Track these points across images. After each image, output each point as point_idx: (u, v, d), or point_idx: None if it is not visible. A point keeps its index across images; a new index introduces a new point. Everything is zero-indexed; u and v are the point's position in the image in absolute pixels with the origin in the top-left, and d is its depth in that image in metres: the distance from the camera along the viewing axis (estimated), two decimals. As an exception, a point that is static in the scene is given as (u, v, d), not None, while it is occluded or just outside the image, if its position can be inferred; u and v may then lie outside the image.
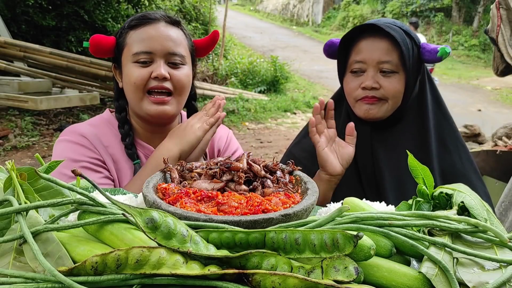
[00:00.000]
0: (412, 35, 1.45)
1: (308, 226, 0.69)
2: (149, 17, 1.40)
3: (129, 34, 1.39)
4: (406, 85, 1.43)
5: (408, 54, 1.39)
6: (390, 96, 1.42)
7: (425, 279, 0.62)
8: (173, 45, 1.38)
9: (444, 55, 1.41)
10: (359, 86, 1.44)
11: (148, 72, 1.35)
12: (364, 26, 1.45)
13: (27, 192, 0.75)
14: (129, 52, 1.37)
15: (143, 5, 9.77)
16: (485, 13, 15.68)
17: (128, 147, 1.44)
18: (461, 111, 9.01)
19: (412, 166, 0.88)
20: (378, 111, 1.44)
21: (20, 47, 6.68)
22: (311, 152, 1.58)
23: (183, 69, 1.41)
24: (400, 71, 1.42)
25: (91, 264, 0.58)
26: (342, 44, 1.50)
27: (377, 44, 1.42)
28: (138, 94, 1.37)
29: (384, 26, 1.39)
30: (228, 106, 8.52)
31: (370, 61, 1.42)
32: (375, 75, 1.42)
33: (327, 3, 23.57)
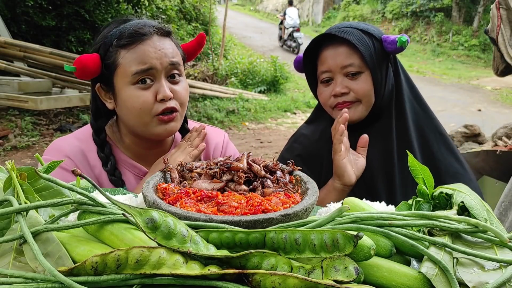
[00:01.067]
0: (371, 31, 1.47)
1: (308, 226, 0.69)
2: (141, 33, 1.30)
3: (121, 54, 1.29)
4: (374, 82, 1.45)
5: (368, 51, 1.43)
6: (361, 97, 1.46)
7: (425, 279, 0.62)
8: (171, 56, 1.33)
9: (403, 44, 1.42)
10: (331, 94, 1.48)
11: (152, 95, 1.29)
12: (321, 37, 1.49)
13: (27, 192, 0.75)
14: (126, 73, 1.28)
15: (143, 5, 9.76)
16: (485, 13, 15.67)
17: (111, 172, 1.37)
18: (461, 111, 9.01)
19: (412, 166, 0.88)
20: (354, 113, 1.47)
21: (20, 47, 6.68)
22: (302, 156, 1.61)
23: (182, 82, 1.37)
24: (365, 70, 1.45)
25: (91, 264, 0.58)
26: (307, 59, 1.56)
27: (337, 50, 1.46)
28: (145, 118, 1.30)
29: (337, 32, 1.44)
30: (228, 106, 8.52)
31: (335, 67, 1.46)
32: (343, 80, 1.46)
33: (327, 3, 23.57)
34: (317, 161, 1.59)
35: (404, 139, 1.50)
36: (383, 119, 1.53)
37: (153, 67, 1.28)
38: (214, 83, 10.15)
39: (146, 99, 1.28)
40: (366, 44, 1.44)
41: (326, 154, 1.55)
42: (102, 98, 1.39)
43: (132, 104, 1.29)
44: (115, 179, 1.37)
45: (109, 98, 1.37)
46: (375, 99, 1.48)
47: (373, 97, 1.48)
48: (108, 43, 1.31)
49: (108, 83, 1.34)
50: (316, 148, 1.61)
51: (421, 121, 1.54)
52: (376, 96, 1.48)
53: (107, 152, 1.38)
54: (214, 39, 12.62)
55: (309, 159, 1.60)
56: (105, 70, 1.32)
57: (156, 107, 1.30)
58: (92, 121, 1.41)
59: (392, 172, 1.49)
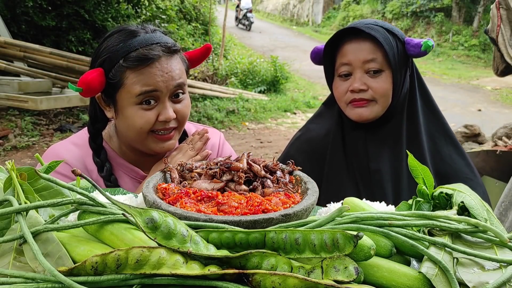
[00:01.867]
0: (395, 31, 1.45)
1: (308, 226, 0.69)
2: (149, 57, 1.27)
3: (126, 74, 1.27)
4: (393, 83, 1.44)
5: (392, 51, 1.41)
6: (378, 96, 1.43)
7: (425, 279, 0.62)
8: (177, 77, 1.31)
9: (428, 49, 1.41)
10: (348, 90, 1.45)
11: (154, 116, 1.29)
12: (346, 30, 1.46)
13: (27, 192, 0.75)
14: (130, 94, 1.28)
15: (143, 5, 9.76)
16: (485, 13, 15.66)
17: (107, 178, 1.37)
18: (461, 111, 9.01)
19: (412, 166, 0.88)
20: (370, 113, 1.45)
21: (20, 47, 6.68)
22: (307, 152, 1.60)
23: (184, 100, 1.36)
24: (387, 69, 1.43)
25: (91, 264, 0.58)
26: (327, 49, 1.52)
27: (360, 45, 1.43)
28: (142, 135, 1.31)
29: (364, 27, 1.41)
30: (228, 106, 8.52)
31: (356, 62, 1.43)
32: (362, 77, 1.43)
33: (327, 3, 23.56)
34: (322, 157, 1.58)
35: (415, 143, 1.48)
36: (394, 121, 1.51)
37: (158, 89, 1.28)
38: (214, 83, 10.15)
39: (148, 120, 1.29)
40: (390, 44, 1.41)
41: (330, 151, 1.55)
42: (102, 106, 1.38)
43: (134, 122, 1.29)
44: (110, 185, 1.37)
45: (108, 107, 1.37)
46: (391, 100, 1.46)
47: (390, 98, 1.45)
48: (113, 60, 1.28)
49: (111, 97, 1.33)
50: (321, 145, 1.60)
51: (432, 125, 1.53)
52: (393, 97, 1.45)
53: (102, 158, 1.38)
54: (214, 39, 12.62)
55: (314, 155, 1.59)
56: (108, 85, 1.31)
57: (155, 125, 1.31)
58: (90, 126, 1.41)
59: (400, 175, 1.47)
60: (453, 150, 1.51)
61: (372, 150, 1.49)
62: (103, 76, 1.29)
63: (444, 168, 1.48)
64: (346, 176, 1.52)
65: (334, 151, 1.56)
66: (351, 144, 1.53)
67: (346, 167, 1.53)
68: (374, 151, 1.49)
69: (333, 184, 1.52)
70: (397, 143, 1.49)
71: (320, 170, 1.56)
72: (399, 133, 1.50)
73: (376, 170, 1.47)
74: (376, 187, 1.47)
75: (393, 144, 1.49)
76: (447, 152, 1.50)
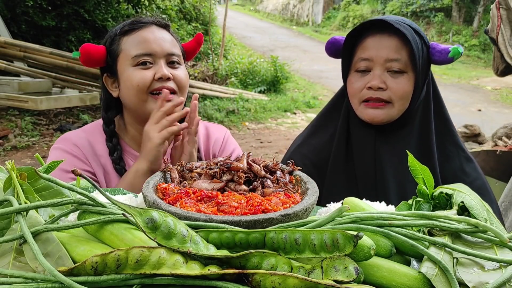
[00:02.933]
0: (422, 34, 1.36)
1: (308, 226, 0.69)
2: (141, 21, 1.41)
3: (123, 40, 1.39)
4: (414, 87, 1.33)
5: (418, 53, 1.30)
6: (397, 98, 1.33)
7: (425, 279, 0.62)
8: (170, 46, 1.40)
9: (456, 56, 1.31)
10: (365, 86, 1.35)
11: (151, 74, 1.35)
12: (371, 22, 1.34)
13: (27, 192, 0.75)
14: (127, 57, 1.37)
15: (143, 5, 9.77)
16: (485, 13, 15.66)
17: (116, 162, 1.42)
18: (461, 111, 9.01)
19: (412, 166, 0.88)
20: (384, 116, 1.35)
21: (20, 47, 6.69)
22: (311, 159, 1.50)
23: (181, 69, 1.43)
24: (409, 71, 1.32)
25: (91, 264, 0.58)
26: (348, 41, 1.40)
27: (385, 42, 1.32)
28: (142, 96, 1.35)
29: (393, 22, 1.29)
30: (228, 106, 8.52)
31: (377, 58, 1.32)
32: (382, 75, 1.32)
33: (327, 3, 23.57)
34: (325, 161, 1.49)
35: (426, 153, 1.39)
36: (407, 128, 1.40)
37: (153, 52, 1.36)
38: (214, 83, 10.15)
39: (144, 76, 1.34)
40: (417, 44, 1.31)
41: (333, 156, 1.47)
42: (109, 88, 1.45)
43: (131, 82, 1.35)
44: (119, 168, 1.42)
45: (114, 87, 1.44)
46: (410, 104, 1.35)
47: (408, 102, 1.34)
48: (112, 35, 1.42)
49: (113, 71, 1.42)
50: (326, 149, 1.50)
51: (443, 136, 1.43)
52: (411, 102, 1.35)
53: (115, 142, 1.44)
54: (214, 39, 12.62)
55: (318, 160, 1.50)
56: (109, 58, 1.42)
57: (153, 84, 1.36)
58: (103, 113, 1.48)
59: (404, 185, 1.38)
60: (465, 162, 1.43)
61: (381, 155, 1.40)
62: (104, 51, 1.41)
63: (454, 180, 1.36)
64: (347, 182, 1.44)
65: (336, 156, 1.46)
66: (359, 145, 1.43)
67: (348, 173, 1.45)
68: (383, 156, 1.39)
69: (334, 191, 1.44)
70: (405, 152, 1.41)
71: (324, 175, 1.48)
72: (411, 142, 1.40)
73: (382, 175, 1.38)
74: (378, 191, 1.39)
75: (401, 152, 1.39)
76: (458, 165, 1.41)
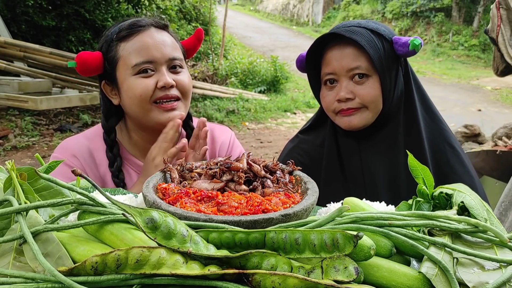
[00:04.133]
0: (381, 31, 1.36)
1: (308, 226, 0.69)
2: (138, 25, 1.34)
3: (121, 47, 1.32)
4: (382, 88, 1.35)
5: (377, 54, 1.32)
6: (367, 103, 1.35)
7: (425, 279, 0.62)
8: (171, 50, 1.34)
9: (416, 48, 1.31)
10: (335, 99, 1.38)
11: (152, 82, 1.30)
12: (326, 36, 1.38)
13: (27, 192, 0.75)
14: (127, 65, 1.31)
15: (143, 5, 9.77)
16: (485, 13, 15.66)
17: (115, 174, 1.38)
18: (461, 111, 9.01)
19: (412, 166, 0.88)
20: (359, 120, 1.37)
21: (20, 47, 6.68)
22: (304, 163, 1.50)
23: (184, 73, 1.38)
24: (373, 74, 1.34)
25: (91, 264, 0.58)
26: (311, 58, 1.44)
27: (343, 52, 1.35)
28: (145, 106, 1.31)
29: (345, 32, 1.33)
30: (228, 106, 8.52)
31: (340, 70, 1.35)
32: (348, 84, 1.35)
33: (327, 3, 23.57)
34: (319, 166, 1.51)
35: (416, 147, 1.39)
36: (390, 127, 1.42)
37: (154, 59, 1.31)
38: (214, 83, 10.16)
39: (146, 86, 1.30)
40: (375, 46, 1.33)
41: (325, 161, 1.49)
42: (108, 95, 1.40)
43: (133, 92, 1.31)
44: (117, 181, 1.38)
45: (114, 94, 1.39)
46: (383, 105, 1.37)
47: (380, 103, 1.37)
48: (109, 40, 1.35)
49: (112, 78, 1.36)
50: (318, 153, 1.52)
51: (432, 130, 1.44)
52: (384, 102, 1.37)
53: (115, 152, 1.40)
54: (214, 39, 12.62)
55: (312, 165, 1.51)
56: (107, 65, 1.35)
57: (156, 93, 1.31)
58: (103, 122, 1.44)
59: (397, 183, 1.39)
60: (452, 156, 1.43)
61: (365, 159, 1.42)
62: (100, 58, 1.35)
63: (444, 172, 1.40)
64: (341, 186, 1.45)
65: (328, 162, 1.48)
66: (345, 153, 1.46)
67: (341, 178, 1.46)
68: (369, 160, 1.41)
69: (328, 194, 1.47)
70: (393, 150, 1.40)
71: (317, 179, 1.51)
72: (395, 139, 1.41)
73: (371, 178, 1.40)
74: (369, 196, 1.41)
75: (388, 151, 1.41)
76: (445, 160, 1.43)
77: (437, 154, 1.43)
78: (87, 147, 1.40)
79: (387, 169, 1.41)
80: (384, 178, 1.40)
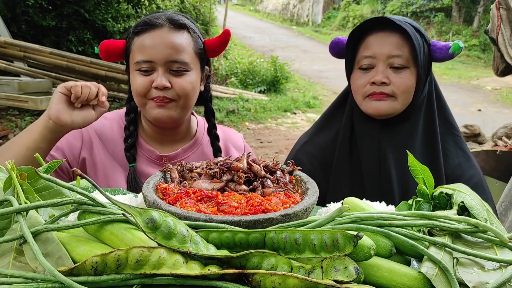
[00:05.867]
0: (423, 32, 1.40)
1: (308, 226, 0.69)
2: (152, 23, 1.37)
3: (134, 40, 1.39)
4: (417, 82, 1.37)
5: (419, 49, 1.34)
6: (400, 92, 1.36)
7: (425, 279, 0.62)
8: (174, 52, 1.35)
9: (457, 51, 1.35)
10: (368, 82, 1.38)
11: (149, 81, 1.36)
12: (373, 21, 1.39)
13: (27, 192, 0.75)
14: (133, 60, 1.39)
15: (143, 5, 9.76)
16: (485, 13, 15.66)
17: (128, 149, 1.45)
18: (461, 111, 9.01)
19: (412, 166, 0.88)
20: (388, 108, 1.38)
21: (20, 47, 6.68)
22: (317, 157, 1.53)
23: (186, 76, 1.38)
24: (411, 66, 1.36)
25: (91, 264, 0.58)
26: (350, 40, 1.44)
27: (387, 39, 1.36)
28: (142, 100, 1.39)
29: (395, 20, 1.35)
30: (228, 106, 8.52)
31: (380, 55, 1.36)
32: (385, 70, 1.36)
33: (327, 3, 23.56)
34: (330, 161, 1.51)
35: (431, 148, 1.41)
36: (412, 121, 1.44)
37: (153, 59, 1.35)
38: (214, 83, 10.15)
39: (142, 83, 1.36)
40: (418, 40, 1.35)
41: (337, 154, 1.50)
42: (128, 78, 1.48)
43: (133, 86, 1.40)
44: (128, 155, 1.45)
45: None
46: (412, 99, 1.39)
47: (411, 96, 1.38)
48: (130, 31, 1.44)
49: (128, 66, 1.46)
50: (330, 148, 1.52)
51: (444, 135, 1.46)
52: (415, 96, 1.39)
53: (132, 130, 1.47)
54: (214, 39, 12.58)
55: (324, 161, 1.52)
56: (125, 54, 1.45)
57: (151, 92, 1.37)
58: (127, 102, 1.53)
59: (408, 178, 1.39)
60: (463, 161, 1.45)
61: (385, 150, 1.42)
62: (122, 47, 1.44)
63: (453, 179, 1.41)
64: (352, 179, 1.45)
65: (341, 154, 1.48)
66: (362, 140, 1.45)
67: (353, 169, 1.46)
68: (387, 151, 1.42)
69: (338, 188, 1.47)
70: (412, 148, 1.41)
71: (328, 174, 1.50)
72: (414, 138, 1.42)
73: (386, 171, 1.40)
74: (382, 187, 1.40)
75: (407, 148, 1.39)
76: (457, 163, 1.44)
77: (447, 157, 1.45)
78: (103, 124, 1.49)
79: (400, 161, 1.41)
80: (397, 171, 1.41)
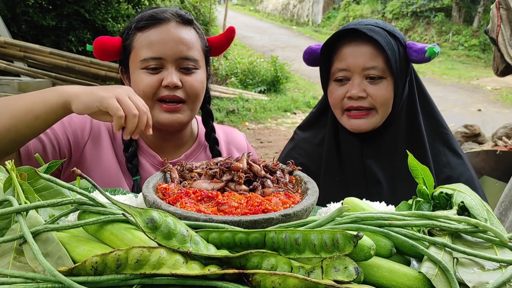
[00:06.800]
0: (397, 34, 1.36)
1: (308, 226, 0.69)
2: (158, 17, 1.29)
3: (137, 37, 1.29)
4: (395, 91, 1.34)
5: (394, 57, 1.30)
6: (379, 105, 1.33)
7: (425, 279, 0.62)
8: (185, 48, 1.29)
9: (433, 55, 1.31)
10: (345, 95, 1.35)
11: (158, 80, 1.27)
12: (345, 32, 1.34)
13: (27, 192, 0.75)
14: (137, 58, 1.29)
15: (143, 5, 9.76)
16: (485, 13, 15.66)
17: (129, 159, 1.35)
18: (461, 111, 9.01)
19: (412, 166, 0.88)
20: (368, 125, 1.35)
21: (20, 47, 6.68)
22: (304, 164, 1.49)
23: (196, 74, 1.32)
24: (388, 76, 1.33)
25: (91, 264, 0.58)
26: (324, 51, 1.40)
27: (360, 49, 1.32)
28: (148, 102, 1.25)
29: (366, 30, 1.29)
30: (228, 106, 8.52)
31: (355, 68, 1.32)
32: (361, 83, 1.33)
33: (327, 3, 23.56)
34: (318, 166, 1.50)
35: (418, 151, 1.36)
36: (392, 130, 1.40)
37: (163, 56, 1.27)
38: (214, 83, 10.15)
39: (150, 82, 1.27)
40: (392, 48, 1.30)
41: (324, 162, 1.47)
42: (124, 82, 1.40)
43: (138, 86, 1.28)
44: (130, 167, 1.35)
45: (128, 82, 1.38)
46: (392, 107, 1.35)
47: (390, 107, 1.35)
48: (129, 27, 1.34)
49: (126, 66, 1.36)
50: (317, 153, 1.51)
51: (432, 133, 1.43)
52: (393, 106, 1.35)
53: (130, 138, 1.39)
54: (214, 39, 12.58)
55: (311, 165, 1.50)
56: (123, 52, 1.34)
57: (160, 91, 1.28)
58: None
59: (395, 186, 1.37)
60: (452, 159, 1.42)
61: (369, 161, 1.40)
62: (119, 44, 1.34)
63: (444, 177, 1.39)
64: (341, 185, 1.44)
65: (328, 162, 1.46)
66: (347, 153, 1.44)
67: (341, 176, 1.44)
68: (371, 162, 1.40)
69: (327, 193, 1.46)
70: (399, 151, 1.38)
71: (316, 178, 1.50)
72: (400, 141, 1.39)
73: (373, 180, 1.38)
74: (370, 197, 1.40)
75: (393, 152, 1.39)
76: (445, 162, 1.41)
77: (436, 157, 1.42)
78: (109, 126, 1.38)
79: (389, 169, 1.39)
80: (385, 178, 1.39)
